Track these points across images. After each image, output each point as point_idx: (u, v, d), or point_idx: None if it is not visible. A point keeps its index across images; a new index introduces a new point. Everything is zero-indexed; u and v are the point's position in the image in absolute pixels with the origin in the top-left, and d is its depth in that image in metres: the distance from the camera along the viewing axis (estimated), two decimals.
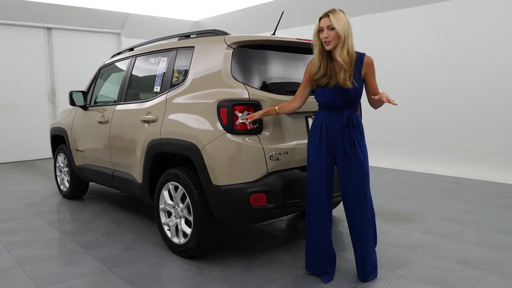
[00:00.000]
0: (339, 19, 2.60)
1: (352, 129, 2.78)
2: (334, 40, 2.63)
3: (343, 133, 2.78)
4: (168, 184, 3.49)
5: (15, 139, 8.89)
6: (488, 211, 4.69)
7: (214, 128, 3.07)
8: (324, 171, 2.86)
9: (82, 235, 4.06)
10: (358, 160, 2.80)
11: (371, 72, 2.75)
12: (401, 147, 7.72)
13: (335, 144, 2.82)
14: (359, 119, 2.83)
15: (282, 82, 3.36)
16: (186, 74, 3.45)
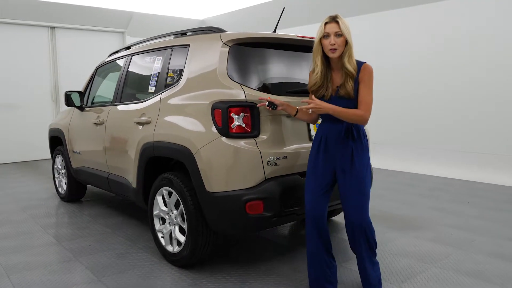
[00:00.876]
0: (346, 25, 2.44)
1: (351, 143, 2.55)
2: (341, 47, 2.44)
3: (342, 147, 2.57)
4: (162, 190, 3.33)
5: (18, 139, 8.82)
6: (501, 218, 4.45)
7: (208, 131, 2.89)
8: (318, 185, 2.64)
9: (75, 240, 3.91)
10: (356, 177, 2.55)
11: (365, 79, 2.47)
12: (409, 148, 7.46)
13: (335, 158, 2.60)
14: (361, 132, 2.59)
15: (282, 82, 3.17)
16: (181, 73, 3.28)
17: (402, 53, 7.33)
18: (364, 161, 2.58)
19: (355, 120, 2.47)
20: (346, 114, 2.46)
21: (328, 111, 2.46)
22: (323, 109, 2.45)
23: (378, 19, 7.71)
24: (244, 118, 2.85)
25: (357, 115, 2.46)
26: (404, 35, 7.33)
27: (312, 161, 2.69)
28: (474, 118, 6.61)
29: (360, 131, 2.58)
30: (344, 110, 2.45)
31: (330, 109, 2.45)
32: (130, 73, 4.05)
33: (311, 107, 2.46)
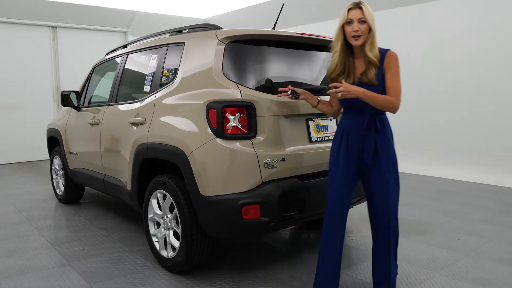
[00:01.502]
0: (369, 11, 2.34)
1: (374, 135, 2.43)
2: (364, 34, 2.34)
3: (365, 139, 2.44)
4: (156, 193, 3.21)
5: (19, 139, 8.76)
6: (511, 221, 4.28)
7: (202, 132, 2.77)
8: (340, 181, 2.52)
9: (69, 244, 3.81)
10: (381, 170, 2.45)
11: (391, 66, 2.36)
12: (416, 149, 7.30)
13: (358, 151, 2.47)
14: (385, 123, 2.47)
15: (280, 81, 3.03)
16: (176, 72, 3.16)
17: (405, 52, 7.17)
18: (390, 154, 2.46)
19: (386, 106, 2.33)
20: (377, 99, 2.31)
21: (358, 95, 2.29)
22: (353, 92, 2.28)
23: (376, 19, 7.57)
24: (240, 119, 2.73)
25: (388, 100, 2.32)
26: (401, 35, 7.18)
27: (333, 156, 2.56)
28: (482, 118, 6.43)
29: (384, 122, 2.46)
30: (376, 95, 2.31)
31: (361, 92, 2.29)
32: (125, 72, 3.94)
33: (341, 91, 2.28)
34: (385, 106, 2.33)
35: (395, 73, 2.36)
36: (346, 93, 2.30)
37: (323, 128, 3.14)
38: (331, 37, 3.34)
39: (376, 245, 2.60)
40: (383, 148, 2.44)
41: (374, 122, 2.42)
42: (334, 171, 2.54)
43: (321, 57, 3.33)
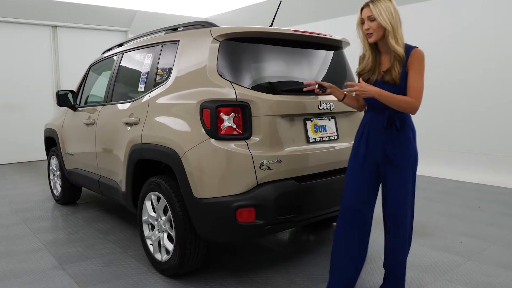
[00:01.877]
0: (382, 8, 2.28)
1: (394, 133, 2.38)
2: (377, 31, 2.32)
3: (384, 137, 2.40)
4: (150, 194, 3.14)
5: (20, 139, 8.71)
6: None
7: (196, 133, 2.69)
8: (357, 178, 2.49)
9: (63, 246, 3.74)
10: (399, 168, 2.41)
11: (415, 66, 2.29)
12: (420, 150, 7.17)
13: (377, 150, 2.44)
14: (407, 122, 2.41)
15: (277, 80, 2.95)
16: (170, 71, 3.08)
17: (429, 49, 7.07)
18: (409, 154, 2.41)
19: (403, 107, 2.27)
20: (394, 100, 2.25)
21: (373, 95, 2.24)
22: (368, 92, 2.24)
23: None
24: (235, 119, 2.65)
25: (406, 101, 2.25)
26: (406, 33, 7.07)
27: (353, 152, 2.53)
28: (486, 118, 6.32)
29: (405, 121, 2.39)
30: (392, 95, 2.25)
31: (376, 92, 2.24)
32: (120, 72, 3.87)
33: (355, 90, 2.25)
34: (402, 107, 2.27)
35: (418, 72, 2.29)
36: (361, 93, 2.26)
37: (321, 128, 3.05)
38: (328, 35, 3.27)
39: (388, 240, 2.59)
40: (401, 147, 2.39)
41: (393, 120, 2.37)
42: (352, 167, 2.52)
43: (319, 55, 3.24)
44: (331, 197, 3.03)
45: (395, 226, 2.52)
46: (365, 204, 2.51)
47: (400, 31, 2.31)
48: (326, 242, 3.74)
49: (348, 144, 3.21)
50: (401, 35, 2.31)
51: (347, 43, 3.50)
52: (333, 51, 3.39)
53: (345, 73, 3.46)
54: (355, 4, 8.13)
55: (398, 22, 2.30)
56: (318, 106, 2.97)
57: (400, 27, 2.32)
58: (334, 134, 3.13)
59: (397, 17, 2.30)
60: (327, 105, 3.02)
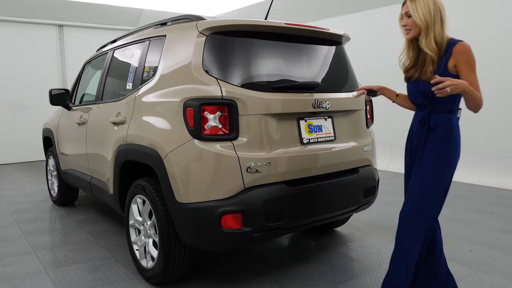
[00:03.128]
0: (419, 4, 2.18)
1: (425, 133, 2.27)
2: (414, 28, 2.23)
3: (419, 138, 2.31)
4: (136, 197, 2.98)
5: (25, 138, 8.68)
6: None
7: (179, 133, 2.52)
8: (406, 183, 2.47)
9: (52, 250, 3.62)
10: (423, 168, 2.26)
11: (463, 61, 2.13)
12: None
13: (418, 150, 2.33)
14: (445, 123, 2.23)
15: (267, 77, 2.76)
16: (156, 68, 2.92)
17: None
18: (439, 153, 2.24)
19: (479, 104, 2.12)
20: (476, 96, 2.09)
21: (464, 89, 2.03)
22: (460, 86, 2.02)
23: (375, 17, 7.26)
24: (220, 118, 2.47)
25: (480, 98, 2.12)
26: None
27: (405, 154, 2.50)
28: (501, 120, 6.01)
29: (443, 121, 2.23)
30: (474, 91, 2.09)
31: (466, 86, 2.03)
32: (111, 69, 3.73)
33: (448, 85, 1.98)
34: (478, 104, 2.12)
35: (469, 66, 2.14)
36: (454, 87, 2.02)
37: (316, 128, 2.85)
38: (325, 28, 3.07)
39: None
40: (431, 146, 2.25)
41: (427, 119, 2.26)
42: (405, 170, 2.47)
43: (315, 50, 3.04)
44: (326, 203, 2.83)
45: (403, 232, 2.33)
46: None
47: (438, 28, 2.17)
48: (325, 249, 3.53)
49: (346, 145, 3.01)
50: (439, 32, 2.17)
51: (347, 38, 3.29)
52: (332, 46, 3.18)
53: (346, 70, 3.25)
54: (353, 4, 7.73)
55: (437, 19, 2.17)
56: (312, 104, 2.77)
57: (440, 24, 2.18)
58: (331, 134, 2.93)
59: (437, 14, 2.17)
60: (323, 104, 2.81)
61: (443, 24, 2.19)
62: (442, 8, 2.19)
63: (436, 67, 2.19)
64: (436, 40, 2.17)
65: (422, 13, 2.17)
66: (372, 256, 3.36)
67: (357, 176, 3.02)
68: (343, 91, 3.09)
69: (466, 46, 2.15)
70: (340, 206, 2.96)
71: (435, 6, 2.17)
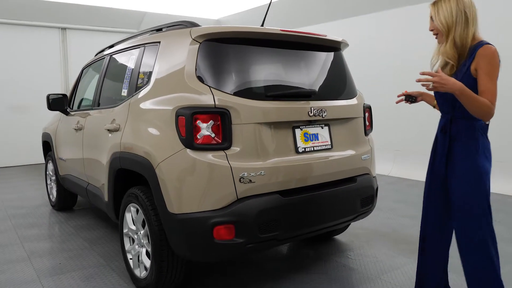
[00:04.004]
0: (441, 8, 2.10)
1: (449, 142, 2.16)
2: (441, 32, 2.15)
3: (443, 147, 2.22)
4: (130, 206, 2.94)
5: (28, 141, 8.69)
6: None
7: (171, 142, 2.47)
8: (428, 190, 2.36)
9: (47, 257, 3.59)
10: (456, 187, 2.15)
11: (481, 65, 2.00)
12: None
13: (440, 158, 2.25)
14: (469, 130, 2.10)
15: (261, 85, 2.71)
16: (150, 75, 2.88)
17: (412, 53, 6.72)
18: (470, 167, 2.10)
19: (481, 112, 1.96)
20: (476, 102, 1.95)
21: (454, 91, 1.93)
22: (449, 86, 1.92)
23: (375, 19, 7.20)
24: (213, 127, 2.42)
25: (485, 105, 1.95)
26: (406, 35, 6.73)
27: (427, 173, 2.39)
28: (506, 123, 5.91)
29: (467, 129, 2.11)
30: (474, 96, 1.94)
31: (457, 88, 1.92)
32: (107, 75, 3.70)
33: (435, 81, 1.92)
34: (480, 111, 1.97)
35: (487, 73, 1.99)
36: (440, 86, 1.92)
37: (312, 137, 2.79)
38: (322, 35, 3.01)
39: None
40: (458, 158, 2.13)
41: (448, 126, 2.15)
42: (426, 179, 2.39)
43: (310, 56, 2.99)
44: (322, 213, 2.78)
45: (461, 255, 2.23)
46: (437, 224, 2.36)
47: (460, 30, 2.05)
48: (323, 258, 3.47)
49: (344, 153, 2.95)
50: (460, 34, 2.05)
51: (345, 44, 3.23)
52: (330, 53, 3.13)
53: (344, 77, 3.20)
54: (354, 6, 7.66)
55: (459, 20, 2.04)
56: (308, 113, 2.71)
57: (464, 25, 2.05)
58: (328, 143, 2.87)
59: (460, 15, 2.04)
60: (319, 112, 2.76)
61: (468, 25, 2.05)
62: (469, 8, 2.06)
63: (455, 72, 2.09)
64: (456, 43, 2.06)
65: (443, 15, 2.07)
66: (370, 266, 3.29)
67: (355, 185, 2.96)
68: (341, 98, 3.03)
69: (490, 49, 1.99)
70: (336, 216, 2.90)
71: (458, 5, 2.05)
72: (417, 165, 6.88)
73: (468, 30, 2.06)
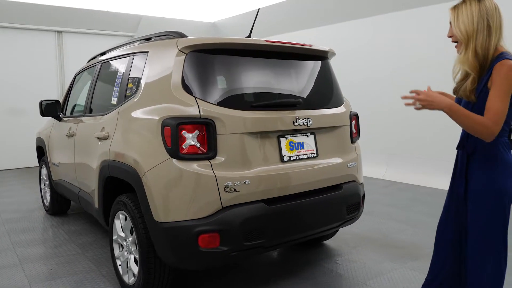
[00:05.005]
0: (461, 12, 1.91)
1: (467, 158, 2.01)
2: (461, 39, 1.96)
3: (462, 162, 2.06)
4: (119, 213, 2.99)
5: (24, 144, 8.73)
6: None
7: (157, 152, 2.52)
8: (447, 210, 2.18)
9: (38, 262, 3.63)
10: (472, 208, 1.98)
11: (494, 81, 1.83)
12: (429, 160, 6.85)
13: (459, 175, 2.09)
14: (486, 146, 1.93)
15: (247, 95, 2.76)
16: (139, 84, 2.92)
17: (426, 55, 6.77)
18: (484, 189, 1.94)
19: (476, 130, 1.82)
20: (467, 119, 1.82)
21: (441, 108, 1.82)
22: (436, 104, 1.82)
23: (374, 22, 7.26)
24: (198, 137, 2.47)
25: (480, 124, 1.80)
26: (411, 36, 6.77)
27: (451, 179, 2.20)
28: None
29: (486, 144, 1.92)
30: (465, 113, 1.82)
31: (445, 106, 1.81)
32: (98, 83, 3.74)
33: (420, 99, 1.84)
34: (476, 130, 1.82)
35: (499, 90, 1.81)
36: (427, 104, 1.83)
37: (297, 145, 2.84)
38: (308, 44, 3.06)
39: None
40: (476, 176, 1.97)
41: (465, 140, 2.02)
42: (447, 197, 2.21)
43: (296, 66, 3.04)
44: (307, 220, 2.82)
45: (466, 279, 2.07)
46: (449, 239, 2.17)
47: (481, 38, 1.87)
48: (311, 263, 3.51)
49: (329, 161, 2.99)
50: (482, 43, 1.87)
51: (332, 54, 3.28)
52: (317, 62, 3.18)
53: (331, 85, 3.24)
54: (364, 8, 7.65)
55: (480, 27, 1.87)
56: (293, 122, 2.76)
57: (486, 33, 1.87)
58: (313, 151, 2.92)
59: (481, 22, 1.87)
60: (304, 121, 2.80)
61: (490, 33, 1.87)
62: (492, 14, 1.87)
63: (476, 85, 1.92)
64: (477, 52, 1.88)
65: (463, 21, 1.90)
66: (357, 272, 3.34)
67: (340, 192, 3.00)
68: (327, 107, 3.07)
69: (507, 65, 1.80)
70: (322, 224, 2.95)
71: (480, 12, 1.87)
72: (410, 169, 6.93)
73: (491, 40, 1.88)
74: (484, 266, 1.97)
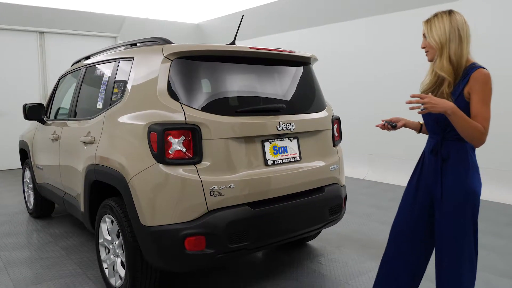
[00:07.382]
0: (435, 25, 2.06)
1: (439, 163, 2.11)
2: (431, 50, 2.11)
3: (432, 169, 2.15)
4: (105, 217, 3.02)
5: (6, 146, 8.61)
6: (503, 243, 4.01)
7: (143, 157, 2.57)
8: (406, 215, 2.29)
9: (23, 266, 3.63)
10: (445, 213, 2.08)
11: (475, 89, 1.95)
12: (407, 160, 7.00)
13: (427, 181, 2.19)
14: (460, 152, 2.06)
15: (231, 101, 2.83)
16: (124, 89, 2.96)
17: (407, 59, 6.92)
18: (455, 191, 2.06)
19: (472, 135, 1.92)
20: (467, 124, 1.91)
21: (446, 110, 1.88)
22: (440, 106, 1.88)
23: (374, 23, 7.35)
24: (184, 142, 2.52)
25: (477, 129, 1.91)
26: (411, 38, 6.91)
27: (408, 183, 2.32)
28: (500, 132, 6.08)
29: (458, 151, 2.06)
30: (466, 118, 1.91)
31: (449, 108, 1.88)
32: (83, 87, 3.76)
33: (426, 102, 1.88)
34: (471, 135, 1.93)
35: (482, 98, 1.94)
36: (431, 106, 1.89)
37: (281, 149, 2.92)
38: (290, 51, 3.14)
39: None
40: (448, 182, 2.07)
41: (439, 147, 2.11)
42: (404, 194, 2.34)
43: (280, 71, 3.12)
44: (290, 222, 2.90)
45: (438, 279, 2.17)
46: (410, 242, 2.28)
47: (454, 47, 2.01)
48: (295, 264, 3.60)
49: (312, 164, 3.08)
50: (455, 51, 2.01)
51: (315, 59, 3.37)
52: (300, 67, 3.26)
53: (313, 90, 3.33)
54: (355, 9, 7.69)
55: (452, 37, 2.01)
56: (277, 127, 2.83)
57: (458, 43, 2.01)
58: (296, 155, 3.00)
59: (453, 32, 2.01)
60: (287, 126, 2.88)
61: (462, 42, 2.02)
62: (462, 26, 2.03)
63: (453, 89, 2.03)
64: (452, 59, 2.02)
65: (436, 33, 2.05)
66: (339, 272, 3.43)
67: (323, 195, 3.09)
68: (309, 111, 3.16)
69: (484, 73, 1.95)
70: (305, 225, 3.03)
71: (451, 23, 2.03)
72: (392, 169, 7.09)
73: (462, 47, 2.02)
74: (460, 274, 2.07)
